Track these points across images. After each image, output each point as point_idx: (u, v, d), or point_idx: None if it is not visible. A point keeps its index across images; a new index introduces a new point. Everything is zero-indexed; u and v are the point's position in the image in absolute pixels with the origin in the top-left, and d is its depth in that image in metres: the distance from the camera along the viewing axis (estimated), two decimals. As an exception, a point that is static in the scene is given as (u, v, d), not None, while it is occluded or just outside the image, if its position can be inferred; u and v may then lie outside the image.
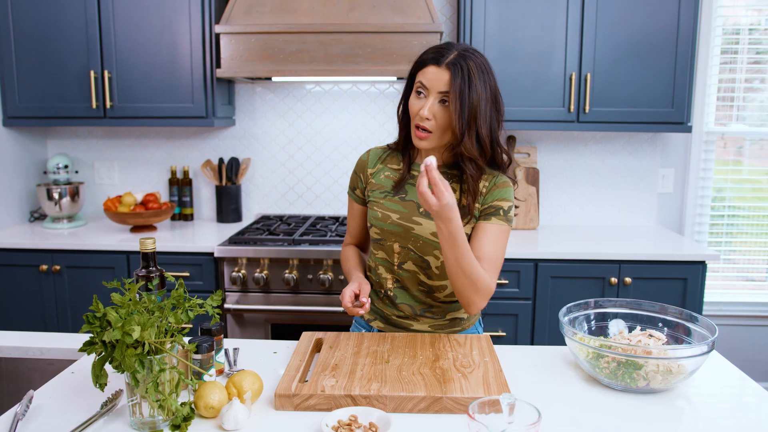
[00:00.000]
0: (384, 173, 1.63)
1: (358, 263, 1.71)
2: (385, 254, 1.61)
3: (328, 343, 1.46)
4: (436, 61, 1.45)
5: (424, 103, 1.46)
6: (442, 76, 1.44)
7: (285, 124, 3.25)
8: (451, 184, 1.55)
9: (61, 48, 2.86)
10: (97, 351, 1.09)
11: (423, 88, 1.47)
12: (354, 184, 1.70)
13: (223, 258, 2.67)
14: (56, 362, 1.55)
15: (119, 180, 3.34)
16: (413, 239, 1.55)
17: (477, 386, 1.23)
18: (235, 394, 1.18)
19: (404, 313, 1.63)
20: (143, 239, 1.33)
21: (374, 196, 1.62)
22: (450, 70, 1.43)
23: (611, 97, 2.80)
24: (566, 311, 1.46)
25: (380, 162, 1.66)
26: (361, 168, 1.68)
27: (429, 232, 1.54)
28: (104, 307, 1.10)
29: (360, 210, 1.71)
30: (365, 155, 1.69)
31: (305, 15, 2.71)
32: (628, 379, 1.29)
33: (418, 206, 1.56)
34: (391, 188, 1.60)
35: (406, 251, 1.57)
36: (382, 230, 1.58)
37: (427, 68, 1.47)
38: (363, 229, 1.75)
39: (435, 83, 1.45)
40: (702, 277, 2.66)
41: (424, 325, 1.63)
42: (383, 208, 1.59)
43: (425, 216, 1.54)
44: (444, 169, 1.58)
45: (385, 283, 1.63)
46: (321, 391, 1.20)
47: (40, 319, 2.80)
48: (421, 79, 1.47)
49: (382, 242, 1.60)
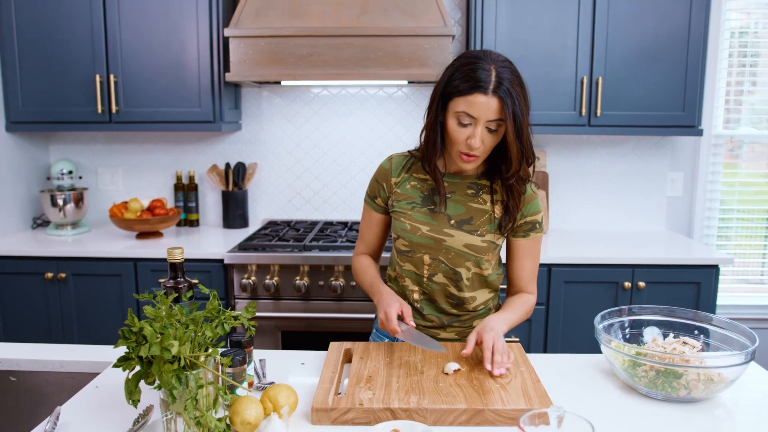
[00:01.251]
0: (410, 183, 1.58)
1: (379, 276, 1.64)
2: (414, 266, 1.57)
3: (358, 353, 1.43)
4: (482, 89, 1.35)
5: (473, 132, 1.39)
6: (492, 105, 1.36)
7: (292, 128, 3.22)
8: (481, 195, 1.55)
9: (65, 52, 2.82)
10: (131, 367, 1.05)
11: (470, 118, 1.39)
12: (375, 192, 1.64)
13: (233, 265, 2.63)
14: (76, 375, 1.51)
15: (123, 186, 3.29)
16: (444, 251, 1.53)
17: (517, 397, 1.21)
18: (272, 408, 1.15)
19: (431, 323, 1.60)
20: (171, 249, 1.29)
21: (400, 207, 1.57)
22: (499, 97, 1.36)
23: (623, 100, 2.79)
24: (601, 318, 1.44)
25: (405, 171, 1.59)
26: (383, 176, 1.61)
27: (462, 243, 1.51)
28: (119, 323, 1.06)
29: (379, 219, 1.66)
30: (387, 163, 1.62)
31: (316, 18, 2.68)
32: (669, 388, 1.26)
33: (449, 218, 1.53)
34: (420, 200, 1.56)
35: (437, 263, 1.54)
36: (412, 242, 1.55)
37: (471, 97, 1.36)
38: (379, 238, 1.70)
39: (485, 113, 1.37)
40: (715, 280, 2.65)
41: (451, 333, 1.61)
42: (412, 219, 1.55)
43: (457, 228, 1.52)
44: (474, 180, 1.56)
45: (411, 295, 1.60)
46: (359, 405, 1.17)
47: (45, 328, 2.74)
48: (466, 109, 1.38)
49: (410, 254, 1.57)
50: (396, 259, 1.63)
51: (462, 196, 1.54)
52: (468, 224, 1.52)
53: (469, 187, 1.55)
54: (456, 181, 1.56)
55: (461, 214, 1.53)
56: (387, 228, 1.69)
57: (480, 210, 1.53)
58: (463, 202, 1.54)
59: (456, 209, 1.54)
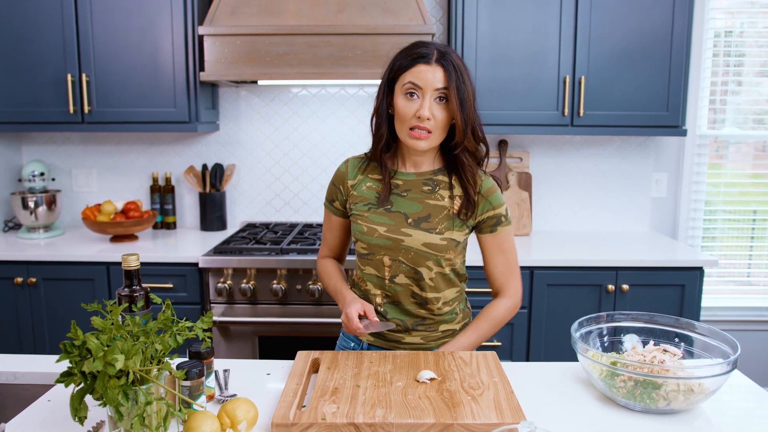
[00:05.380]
0: (365, 184, 1.55)
1: (343, 279, 1.63)
2: (374, 269, 1.53)
3: (325, 363, 1.37)
4: (425, 59, 1.40)
5: (422, 103, 1.40)
6: (436, 74, 1.40)
7: (271, 128, 3.15)
8: (438, 191, 1.51)
9: (36, 50, 2.73)
10: (75, 382, 0.98)
11: (416, 89, 1.41)
12: (332, 196, 1.61)
13: (208, 269, 2.56)
14: (31, 387, 1.44)
15: (98, 187, 3.21)
16: (404, 251, 1.49)
17: (489, 410, 1.15)
18: (229, 424, 1.09)
19: (395, 328, 1.55)
20: (126, 255, 1.22)
21: (357, 209, 1.54)
22: (442, 65, 1.40)
23: (606, 100, 2.75)
24: (578, 326, 1.38)
25: (360, 173, 1.57)
26: (340, 180, 1.59)
27: (420, 242, 1.47)
28: (84, 331, 1.00)
29: (339, 223, 1.64)
30: (343, 166, 1.60)
31: (293, 16, 2.61)
32: (647, 399, 1.21)
33: (406, 217, 1.49)
34: (375, 200, 1.52)
35: (397, 264, 1.50)
36: (370, 244, 1.51)
37: (415, 68, 1.41)
38: (341, 242, 1.69)
39: (430, 81, 1.40)
40: (700, 283, 2.61)
41: (416, 337, 1.56)
42: (368, 221, 1.51)
43: (414, 226, 1.48)
44: (431, 176, 1.52)
45: (373, 299, 1.56)
46: (322, 419, 1.11)
47: (15, 335, 2.66)
48: (411, 79, 1.41)
49: (369, 257, 1.53)
50: (358, 263, 1.60)
51: (418, 194, 1.51)
52: (426, 222, 1.48)
53: (425, 183, 1.52)
54: (411, 179, 1.52)
55: (418, 212, 1.49)
56: (348, 232, 1.66)
57: (438, 206, 1.50)
58: (420, 199, 1.50)
59: (412, 207, 1.50)
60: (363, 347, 1.61)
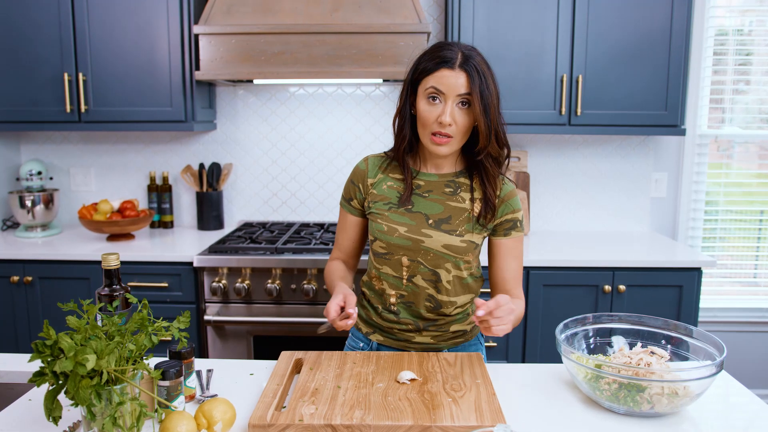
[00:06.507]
0: (386, 183, 1.53)
1: (343, 277, 1.59)
2: (392, 269, 1.51)
3: (308, 364, 1.36)
4: (448, 64, 1.38)
5: (443, 109, 1.38)
6: (459, 79, 1.37)
7: (268, 128, 3.15)
8: (460, 193, 1.50)
9: (33, 50, 2.74)
10: (48, 382, 0.98)
11: (438, 94, 1.39)
12: (350, 194, 1.59)
13: (203, 268, 2.56)
14: (16, 387, 1.44)
15: (96, 186, 3.22)
16: (423, 252, 1.47)
17: (469, 413, 1.14)
18: (205, 425, 1.08)
19: (406, 327, 1.54)
20: (106, 255, 1.22)
21: (377, 208, 1.52)
22: (466, 71, 1.37)
23: (604, 99, 2.72)
24: (563, 327, 1.37)
25: (381, 171, 1.55)
26: (359, 178, 1.56)
27: (440, 244, 1.46)
28: (59, 331, 0.99)
29: (355, 222, 1.61)
30: (363, 164, 1.57)
31: (288, 15, 2.60)
32: (631, 402, 1.20)
33: (426, 218, 1.48)
34: (396, 200, 1.50)
35: (415, 265, 1.49)
36: (389, 244, 1.49)
37: (438, 72, 1.38)
38: (355, 243, 1.65)
39: (453, 87, 1.37)
40: (698, 283, 2.58)
41: (427, 337, 1.55)
42: (388, 220, 1.49)
43: (435, 228, 1.47)
44: (452, 178, 1.51)
45: (388, 299, 1.54)
46: (299, 421, 1.10)
47: (12, 334, 2.67)
48: (434, 84, 1.39)
49: (388, 256, 1.51)
50: (373, 263, 1.57)
51: (439, 195, 1.50)
52: (446, 224, 1.47)
53: (446, 185, 1.51)
54: (433, 180, 1.51)
55: (439, 213, 1.48)
56: (363, 232, 1.63)
57: (458, 209, 1.48)
58: (441, 200, 1.49)
59: (433, 208, 1.48)
60: (372, 347, 1.60)
